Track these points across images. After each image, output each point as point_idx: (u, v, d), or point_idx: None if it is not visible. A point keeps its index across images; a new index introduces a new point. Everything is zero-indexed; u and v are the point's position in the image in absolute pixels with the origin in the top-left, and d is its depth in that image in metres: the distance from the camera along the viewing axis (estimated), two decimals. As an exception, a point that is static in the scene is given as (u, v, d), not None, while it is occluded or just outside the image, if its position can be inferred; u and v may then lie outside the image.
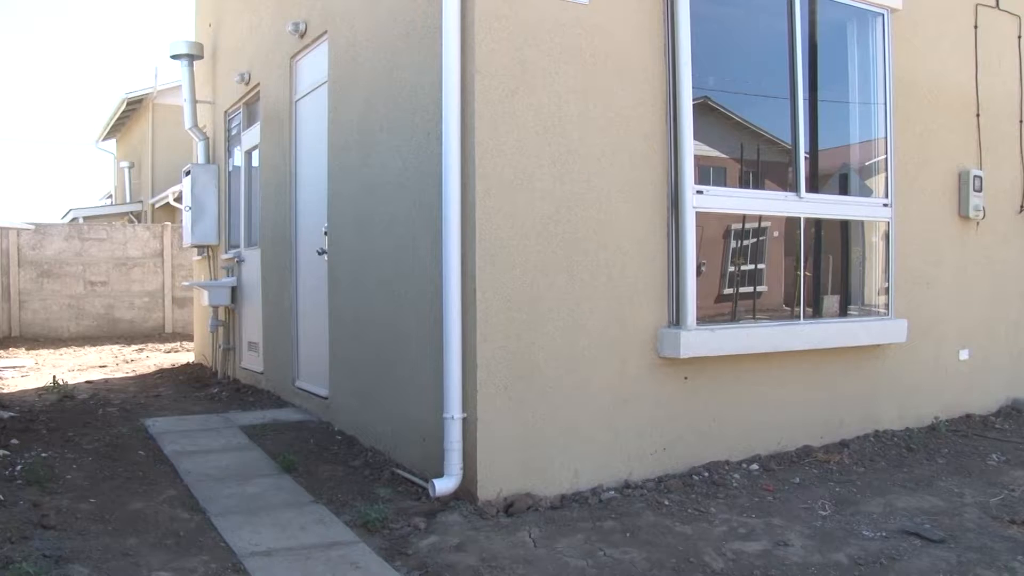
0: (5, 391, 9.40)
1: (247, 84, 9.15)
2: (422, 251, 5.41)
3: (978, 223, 7.34)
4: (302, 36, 7.51)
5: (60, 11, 58.53)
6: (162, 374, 11.08)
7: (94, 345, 15.72)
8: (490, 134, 4.89)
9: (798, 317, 6.18)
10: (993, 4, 7.49)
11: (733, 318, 6.03)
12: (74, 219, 22.36)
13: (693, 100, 5.54)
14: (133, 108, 23.45)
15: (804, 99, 6.18)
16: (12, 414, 7.51)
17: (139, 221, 22.29)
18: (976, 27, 7.38)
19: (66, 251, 17.43)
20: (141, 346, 15.45)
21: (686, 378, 5.59)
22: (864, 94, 6.73)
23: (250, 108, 9.45)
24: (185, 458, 6.07)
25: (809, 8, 6.26)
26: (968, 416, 7.18)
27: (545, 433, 5.08)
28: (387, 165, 5.93)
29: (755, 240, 6.28)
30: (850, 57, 6.74)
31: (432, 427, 5.19)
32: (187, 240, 10.76)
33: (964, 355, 7.26)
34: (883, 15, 6.65)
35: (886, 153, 6.65)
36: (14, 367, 11.93)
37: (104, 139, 26.79)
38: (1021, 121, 7.72)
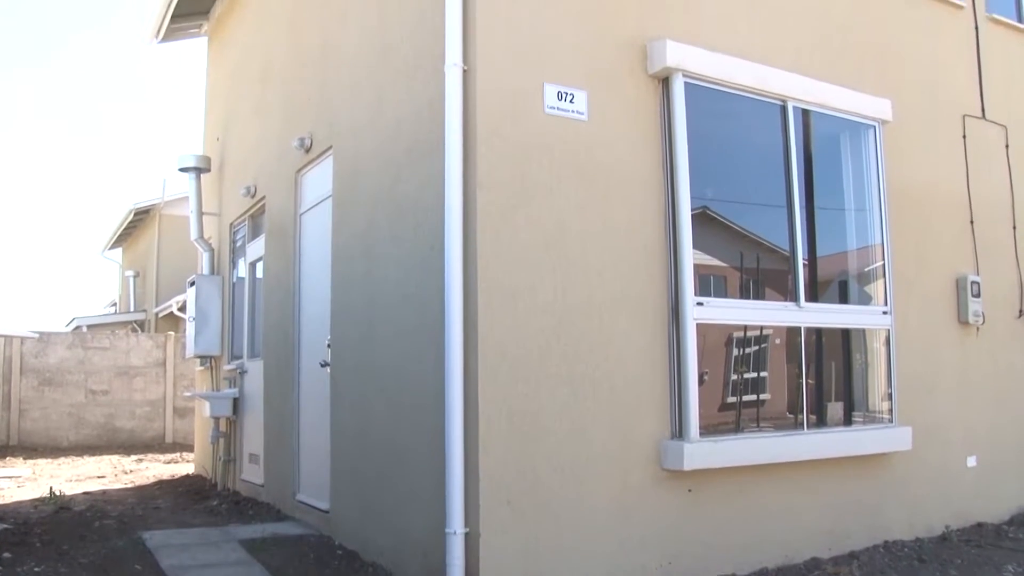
0: (0, 502, 9.28)
1: (253, 197, 9.32)
2: (425, 363, 5.42)
3: (978, 328, 7.36)
4: (307, 151, 7.70)
5: (70, 125, 60.14)
6: (161, 485, 10.93)
7: (93, 455, 15.56)
8: (492, 248, 4.97)
9: (802, 425, 6.14)
10: (979, 115, 7.70)
11: (737, 427, 5.99)
12: (78, 327, 22.44)
13: (692, 210, 5.65)
14: (140, 218, 23.81)
15: (801, 207, 6.30)
16: (6, 526, 7.39)
17: (143, 330, 22.36)
18: (964, 136, 7.57)
19: (69, 359, 17.42)
20: (141, 456, 15.29)
21: (690, 490, 5.52)
22: (859, 201, 6.85)
23: (255, 220, 9.61)
24: (183, 573, 5.95)
25: (803, 121, 6.44)
26: (980, 525, 7.06)
27: (548, 546, 5.00)
28: (390, 278, 6.00)
29: (757, 348, 6.30)
30: (844, 166, 6.88)
31: (434, 542, 5.10)
32: (190, 350, 10.78)
33: (972, 462, 7.18)
34: (874, 127, 6.82)
35: (883, 259, 6.73)
36: (11, 477, 11.79)
37: (110, 248, 27.12)
38: (1015, 227, 7.84)
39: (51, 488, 9.67)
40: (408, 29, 5.92)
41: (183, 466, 13.35)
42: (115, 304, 29.63)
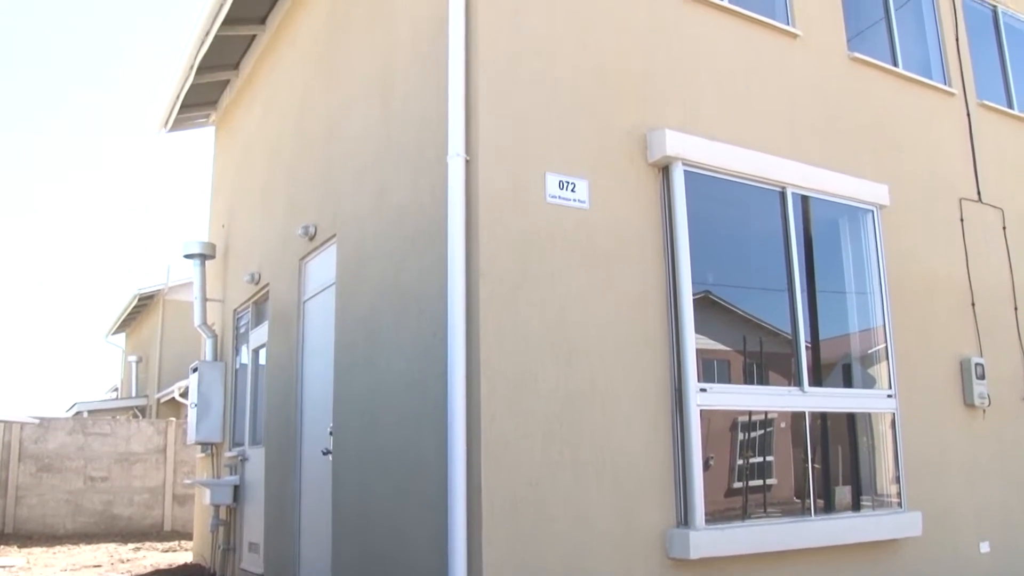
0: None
1: (256, 284, 9.38)
2: (427, 451, 5.39)
3: (984, 411, 7.32)
4: (311, 239, 7.78)
5: (77, 211, 60.94)
6: (158, 575, 10.74)
7: (90, 543, 15.31)
8: (494, 335, 4.98)
9: (809, 511, 6.07)
10: (976, 198, 7.79)
11: (744, 514, 5.91)
12: (78, 413, 22.33)
13: (694, 295, 5.69)
14: (144, 303, 23.92)
15: (802, 291, 6.34)
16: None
17: (144, 416, 22.25)
18: (962, 220, 7.65)
19: (68, 445, 17.29)
20: (138, 545, 15.04)
21: (698, 579, 5.43)
22: (860, 284, 6.89)
23: (259, 307, 9.65)
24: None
25: (802, 206, 6.52)
26: (995, 613, 6.91)
27: (555, 642, 4.88)
28: (392, 366, 6.00)
29: (762, 431, 6.26)
30: (844, 250, 6.94)
31: (437, 637, 5.00)
32: (191, 437, 10.70)
33: (985, 548, 7.06)
34: (872, 211, 6.91)
35: (886, 342, 6.74)
36: (4, 567, 11.58)
37: (114, 333, 27.16)
38: (1016, 308, 7.86)
39: (47, 579, 9.50)
40: (412, 120, 6.05)
41: (181, 555, 13.12)
42: (117, 389, 29.54)
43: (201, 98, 11.48)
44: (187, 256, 10.53)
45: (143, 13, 60.09)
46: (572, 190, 5.43)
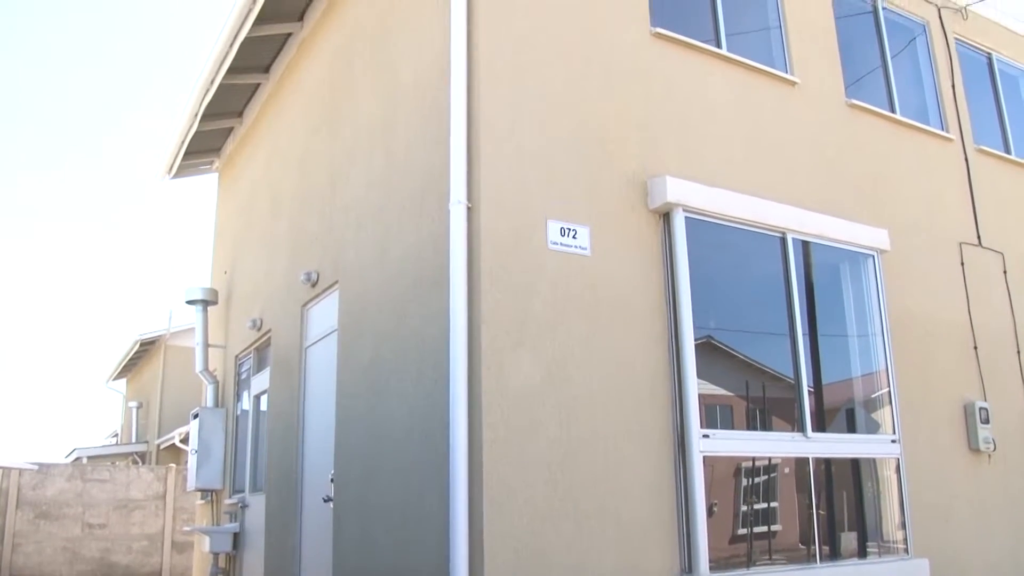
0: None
1: (259, 330, 9.38)
2: (429, 499, 5.35)
3: (990, 455, 7.28)
4: (314, 285, 7.80)
5: (78, 257, 61.16)
6: (157, 626, 10.60)
7: (88, 593, 15.13)
8: (496, 382, 4.97)
9: (815, 558, 6.01)
10: (976, 242, 7.82)
11: (748, 560, 5.85)
12: (78, 459, 22.19)
13: (696, 340, 5.69)
14: (146, 348, 23.88)
15: (804, 335, 6.34)
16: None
17: (144, 462, 22.12)
18: (963, 264, 7.68)
19: (67, 491, 17.15)
20: (137, 594, 14.86)
21: (704, 629, 5.36)
22: (862, 328, 6.89)
23: (260, 353, 9.64)
24: None
25: (802, 251, 6.55)
26: (1006, 663, 6.81)
27: None
28: (394, 413, 5.98)
29: (766, 477, 6.22)
30: (845, 294, 6.96)
31: None
32: (191, 484, 10.63)
33: (993, 595, 6.98)
34: (873, 256, 6.93)
35: (888, 386, 6.72)
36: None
37: (115, 378, 27.09)
38: (1019, 352, 7.85)
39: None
40: (414, 167, 6.09)
41: (180, 604, 12.96)
42: (117, 435, 29.39)
43: (205, 145, 11.58)
44: (189, 302, 10.54)
45: (150, 59, 60.80)
46: (574, 237, 5.46)
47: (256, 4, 7.94)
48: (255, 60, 9.58)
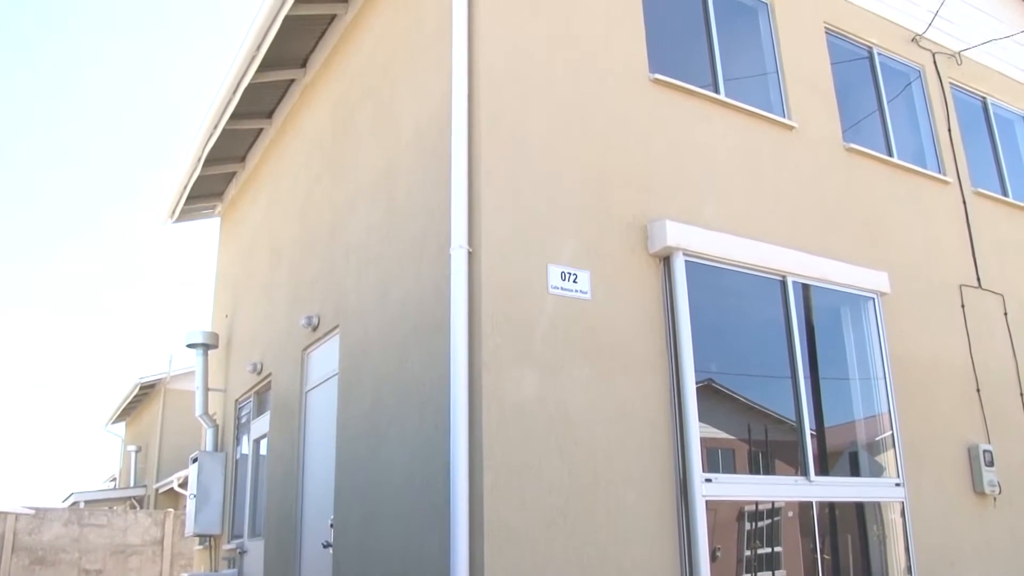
0: None
1: (259, 374, 9.36)
2: (430, 544, 5.30)
3: (995, 499, 7.22)
4: (314, 329, 7.80)
5: (79, 300, 61.21)
6: (153, 675, 10.45)
7: (84, 641, 14.93)
8: (497, 427, 4.96)
9: (821, 605, 5.93)
10: (976, 284, 7.84)
11: (753, 608, 5.79)
12: (75, 503, 22.02)
13: (697, 383, 5.67)
14: (145, 392, 23.81)
15: (805, 378, 6.33)
16: None
17: (142, 506, 21.94)
18: (963, 306, 7.68)
19: (63, 537, 17.00)
20: (133, 642, 14.67)
21: None
22: (864, 371, 6.88)
23: (261, 397, 9.62)
24: None
25: (803, 294, 6.56)
26: None
27: None
28: (395, 457, 5.95)
29: (770, 521, 6.17)
30: (846, 337, 6.96)
31: None
32: (189, 529, 10.55)
33: (1001, 642, 6.89)
34: (873, 299, 6.94)
35: (891, 429, 6.69)
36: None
37: (113, 422, 26.97)
38: (1022, 394, 7.83)
39: None
40: (415, 212, 6.13)
41: (177, 653, 12.78)
42: (115, 479, 29.19)
43: (207, 190, 11.65)
44: (190, 346, 10.54)
45: (153, 101, 61.29)
46: (574, 281, 5.47)
47: (260, 51, 8.04)
48: (258, 105, 9.68)
